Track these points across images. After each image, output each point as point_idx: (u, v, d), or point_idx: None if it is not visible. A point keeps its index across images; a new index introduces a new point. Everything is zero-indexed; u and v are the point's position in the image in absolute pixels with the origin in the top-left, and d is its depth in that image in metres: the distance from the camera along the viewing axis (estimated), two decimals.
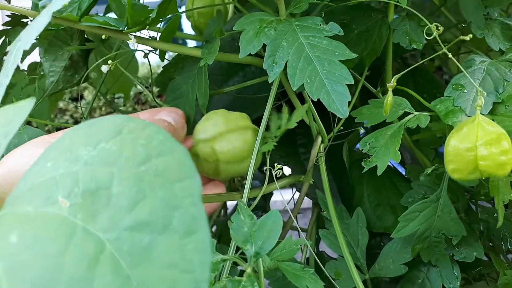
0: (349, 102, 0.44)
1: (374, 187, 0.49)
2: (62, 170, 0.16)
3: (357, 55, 0.34)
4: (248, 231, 0.30)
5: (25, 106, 0.20)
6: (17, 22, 0.68)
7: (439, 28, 0.33)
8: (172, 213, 0.14)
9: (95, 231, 0.14)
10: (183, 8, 0.75)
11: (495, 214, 0.45)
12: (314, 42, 0.35)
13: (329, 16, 0.46)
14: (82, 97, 2.43)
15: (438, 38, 0.33)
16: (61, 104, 2.45)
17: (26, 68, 0.83)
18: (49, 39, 0.57)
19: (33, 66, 0.88)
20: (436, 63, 0.78)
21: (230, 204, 0.81)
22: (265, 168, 0.39)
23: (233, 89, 0.49)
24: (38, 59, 0.83)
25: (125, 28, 0.43)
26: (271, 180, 0.44)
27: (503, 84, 0.39)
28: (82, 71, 0.57)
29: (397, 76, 0.34)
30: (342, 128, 0.45)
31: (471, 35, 0.32)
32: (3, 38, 0.68)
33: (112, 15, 0.49)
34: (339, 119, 0.46)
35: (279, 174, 0.39)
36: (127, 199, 0.14)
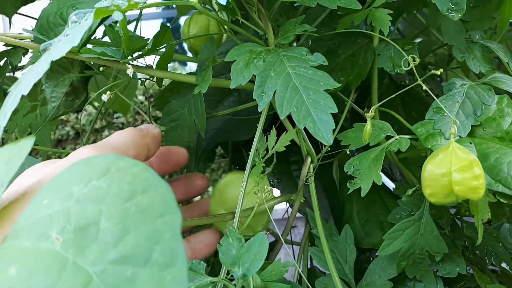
0: (338, 122, 0.46)
1: (363, 204, 0.51)
2: (57, 207, 0.18)
3: (340, 85, 0.36)
4: (236, 254, 0.32)
5: (26, 145, 0.22)
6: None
7: (416, 59, 0.35)
8: (153, 246, 0.16)
9: (83, 264, 0.16)
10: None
11: None
12: (300, 72, 0.38)
13: (317, 43, 0.49)
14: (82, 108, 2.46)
15: (414, 69, 0.35)
16: (62, 116, 2.48)
17: None
18: (51, 66, 0.59)
19: (34, 85, 0.91)
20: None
21: None
22: (255, 190, 0.41)
23: (227, 112, 0.51)
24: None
25: (122, 58, 0.46)
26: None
27: (481, 107, 0.41)
28: (82, 96, 0.60)
29: (375, 106, 0.37)
30: (330, 149, 0.47)
31: (441, 70, 0.34)
32: (5, 59, 0.70)
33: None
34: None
35: (269, 195, 0.41)
36: (113, 235, 0.16)
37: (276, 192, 0.42)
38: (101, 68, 0.43)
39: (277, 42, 0.42)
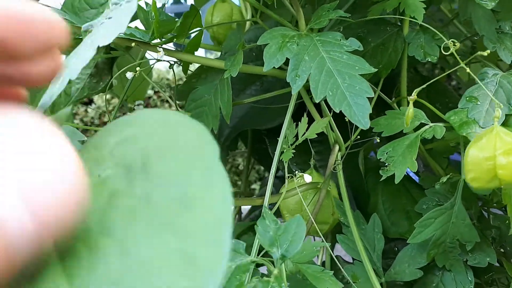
0: None
1: (389, 194, 0.50)
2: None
3: (376, 69, 0.36)
4: (273, 235, 0.32)
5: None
6: None
7: (456, 44, 0.35)
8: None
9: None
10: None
11: (507, 221, 0.47)
12: (335, 56, 0.37)
13: (346, 30, 0.48)
14: (92, 101, 2.46)
15: (455, 53, 0.34)
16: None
17: None
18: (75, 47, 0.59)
19: None
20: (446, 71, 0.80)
21: (244, 209, 0.83)
22: (288, 175, 0.41)
23: (252, 100, 0.51)
24: None
25: (152, 40, 0.46)
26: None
27: None
28: (107, 78, 0.60)
29: (418, 89, 0.36)
30: (358, 137, 0.47)
31: (488, 51, 0.34)
32: None
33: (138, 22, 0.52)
34: (356, 128, 0.48)
35: (300, 181, 0.41)
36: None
37: (308, 178, 0.42)
38: (133, 44, 0.43)
39: (309, 27, 0.42)
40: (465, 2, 0.48)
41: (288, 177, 0.45)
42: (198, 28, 0.48)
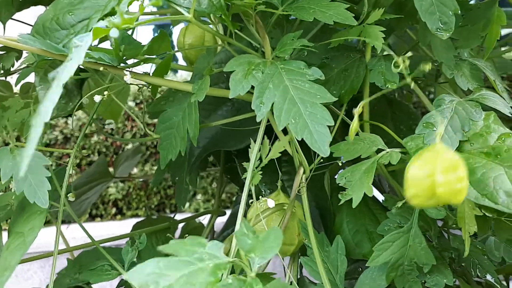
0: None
1: (353, 215, 0.52)
2: None
3: (336, 99, 0.37)
4: (252, 243, 0.32)
5: None
6: (10, 47, 0.70)
7: (405, 60, 0.36)
8: None
9: None
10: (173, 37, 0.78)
11: None
12: (298, 85, 0.39)
13: (311, 55, 0.50)
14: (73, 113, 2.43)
15: (404, 70, 0.36)
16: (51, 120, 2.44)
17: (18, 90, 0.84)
18: (45, 68, 0.59)
19: (26, 87, 0.90)
20: (413, 93, 0.83)
21: (217, 227, 0.83)
22: (251, 201, 0.42)
23: (221, 123, 0.52)
24: (31, 80, 0.85)
25: (119, 64, 0.46)
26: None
27: (469, 123, 0.42)
28: (76, 99, 0.60)
29: (363, 102, 0.38)
30: (321, 160, 0.48)
31: (429, 66, 0.35)
32: None
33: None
34: None
35: (263, 207, 0.42)
36: None
37: (271, 203, 0.43)
38: (101, 68, 0.43)
39: (275, 55, 0.43)
40: (424, 30, 0.51)
41: (256, 200, 0.46)
42: (167, 52, 0.49)
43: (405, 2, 0.51)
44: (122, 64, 0.47)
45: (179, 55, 0.69)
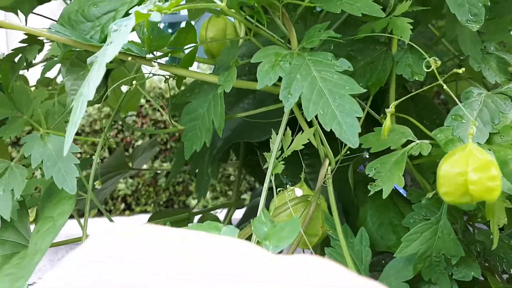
0: None
1: (377, 208, 0.51)
2: None
3: (365, 90, 0.37)
4: (268, 231, 0.33)
5: None
6: (33, 40, 0.71)
7: (437, 61, 0.36)
8: None
9: None
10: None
11: (491, 236, 0.48)
12: (326, 76, 0.39)
13: (337, 48, 0.50)
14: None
15: (436, 71, 0.36)
16: None
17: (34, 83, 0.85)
18: (71, 59, 0.60)
19: (45, 81, 0.91)
20: (435, 88, 0.82)
21: (234, 219, 0.83)
22: (278, 189, 0.42)
23: (245, 114, 0.52)
24: (51, 75, 0.86)
25: (147, 55, 0.47)
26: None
27: (499, 116, 0.42)
28: (101, 90, 0.60)
29: (395, 102, 0.38)
30: (348, 152, 0.48)
31: (463, 69, 0.35)
32: (20, 55, 0.71)
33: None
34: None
35: (289, 196, 0.42)
36: None
37: (299, 192, 0.43)
38: (129, 58, 0.44)
39: (301, 46, 0.43)
40: (452, 23, 0.50)
41: (278, 191, 0.46)
42: (193, 44, 0.49)
43: None
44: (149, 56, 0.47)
45: (200, 49, 0.69)
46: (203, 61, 0.68)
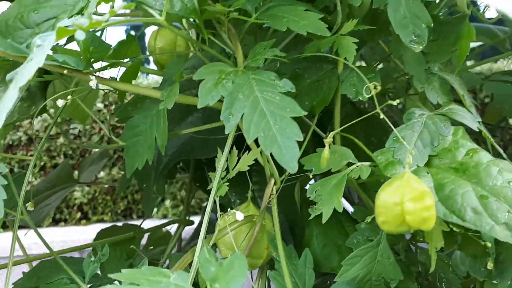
0: (301, 146, 0.47)
1: (322, 228, 0.51)
2: None
3: (306, 112, 0.37)
4: (216, 271, 0.31)
5: None
6: None
7: (377, 87, 0.36)
8: None
9: None
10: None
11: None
12: (268, 97, 0.38)
13: (284, 65, 0.49)
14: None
15: (375, 96, 0.36)
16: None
17: None
18: (6, 69, 0.56)
19: None
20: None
21: (184, 236, 0.81)
22: (219, 213, 0.41)
23: (189, 131, 0.51)
24: None
25: (85, 68, 0.44)
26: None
27: (438, 138, 0.42)
28: (39, 103, 0.57)
29: (334, 132, 0.37)
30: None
31: (398, 101, 0.35)
32: None
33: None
34: None
35: (232, 219, 0.40)
36: None
37: (239, 216, 0.42)
38: (65, 71, 0.41)
39: (246, 64, 0.42)
40: (397, 43, 0.51)
41: (223, 212, 0.45)
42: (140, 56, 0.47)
43: (379, 14, 0.51)
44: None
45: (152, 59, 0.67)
46: (152, 72, 0.66)
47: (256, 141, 0.47)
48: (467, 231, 0.43)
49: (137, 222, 0.77)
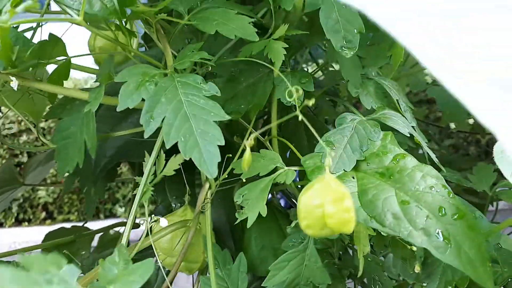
0: (237, 150, 0.46)
1: (260, 230, 0.51)
2: None
3: (229, 117, 0.36)
4: (117, 274, 0.30)
5: None
6: None
7: (299, 91, 0.36)
8: None
9: None
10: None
11: (368, 258, 0.49)
12: (192, 100, 0.37)
13: (220, 67, 0.49)
14: None
15: (296, 101, 0.35)
16: None
17: None
18: None
19: None
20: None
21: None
22: (141, 220, 0.40)
23: (124, 133, 0.49)
24: None
25: (8, 68, 0.42)
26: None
27: (367, 143, 0.43)
28: None
29: (254, 134, 0.37)
30: (227, 175, 0.47)
31: (313, 101, 0.35)
32: None
33: None
34: (227, 165, 0.48)
35: (154, 226, 0.40)
36: None
37: (163, 222, 0.41)
38: None
39: (173, 67, 0.41)
40: (332, 47, 0.51)
41: (142, 222, 0.44)
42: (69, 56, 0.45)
43: (315, 19, 0.51)
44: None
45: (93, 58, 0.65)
46: (92, 72, 0.64)
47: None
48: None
49: (105, 222, 0.74)
